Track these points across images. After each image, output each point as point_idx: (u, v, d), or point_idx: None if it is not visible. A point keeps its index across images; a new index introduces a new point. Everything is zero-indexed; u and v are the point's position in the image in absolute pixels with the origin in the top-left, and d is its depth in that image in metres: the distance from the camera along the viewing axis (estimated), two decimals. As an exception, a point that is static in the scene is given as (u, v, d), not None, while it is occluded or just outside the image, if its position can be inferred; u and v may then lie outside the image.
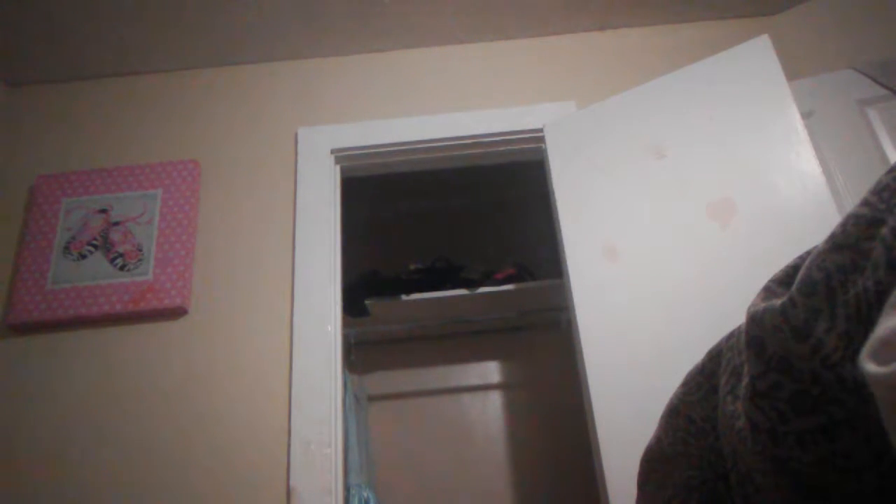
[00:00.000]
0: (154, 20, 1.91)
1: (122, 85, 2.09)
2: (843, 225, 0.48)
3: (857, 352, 0.41)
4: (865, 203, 0.47)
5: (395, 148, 1.98)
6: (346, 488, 2.00)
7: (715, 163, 1.57)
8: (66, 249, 1.80)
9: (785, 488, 0.49)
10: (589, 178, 1.72)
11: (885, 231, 0.44)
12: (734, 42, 1.66)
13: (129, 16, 1.88)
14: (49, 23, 1.87)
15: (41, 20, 1.86)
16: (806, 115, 1.56)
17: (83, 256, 1.79)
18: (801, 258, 0.55)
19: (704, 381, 0.63)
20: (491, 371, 2.71)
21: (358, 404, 2.34)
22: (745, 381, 0.51)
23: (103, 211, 1.85)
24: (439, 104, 2.03)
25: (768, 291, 0.55)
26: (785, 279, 0.54)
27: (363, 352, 2.63)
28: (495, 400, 2.65)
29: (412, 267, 2.54)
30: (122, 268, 1.77)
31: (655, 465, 0.67)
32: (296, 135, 1.99)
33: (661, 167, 1.63)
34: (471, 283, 2.47)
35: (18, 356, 1.72)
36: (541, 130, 1.89)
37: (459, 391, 2.67)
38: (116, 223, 1.83)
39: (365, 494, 2.09)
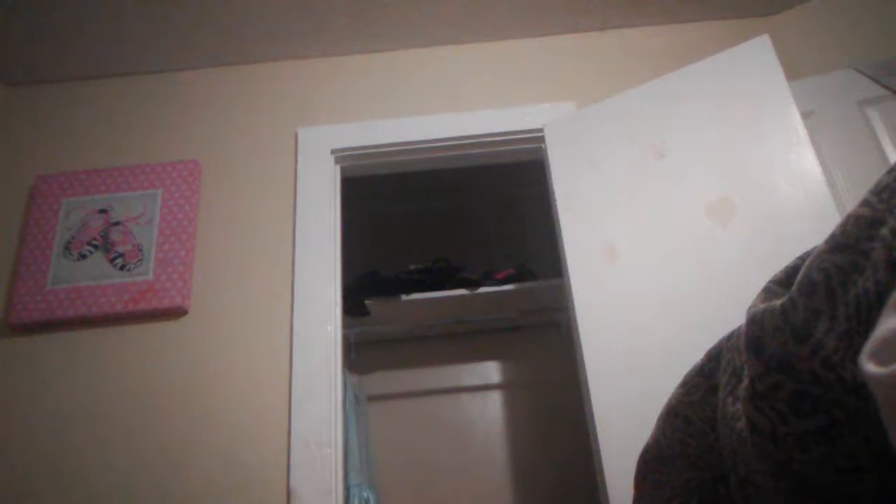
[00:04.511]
0: (154, 20, 1.90)
1: (122, 85, 2.09)
2: (843, 225, 0.48)
3: (857, 352, 0.41)
4: (865, 203, 0.47)
5: (395, 148, 1.98)
6: (346, 488, 1.99)
7: (715, 163, 1.56)
8: (66, 249, 1.80)
9: (785, 489, 0.48)
10: (589, 178, 1.72)
11: (885, 231, 0.44)
12: (734, 42, 1.66)
13: (129, 16, 1.88)
14: (49, 23, 1.87)
15: (41, 20, 1.86)
16: (806, 115, 1.56)
17: (83, 256, 1.79)
18: (801, 259, 0.55)
19: (703, 382, 0.63)
20: (491, 371, 2.71)
21: (358, 404, 2.33)
22: (745, 382, 0.51)
23: (103, 211, 1.85)
24: (439, 104, 2.02)
25: (768, 292, 0.54)
26: (785, 280, 0.54)
27: (363, 352, 2.63)
28: (495, 400, 2.65)
29: (412, 267, 2.54)
30: (122, 268, 1.77)
31: (653, 465, 0.67)
32: (296, 135, 1.99)
33: (661, 167, 1.63)
34: (470, 283, 2.47)
35: (18, 356, 1.72)
36: (541, 130, 1.89)
37: (459, 391, 2.67)
38: (116, 223, 1.83)
39: (365, 494, 2.09)
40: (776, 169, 1.48)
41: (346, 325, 1.92)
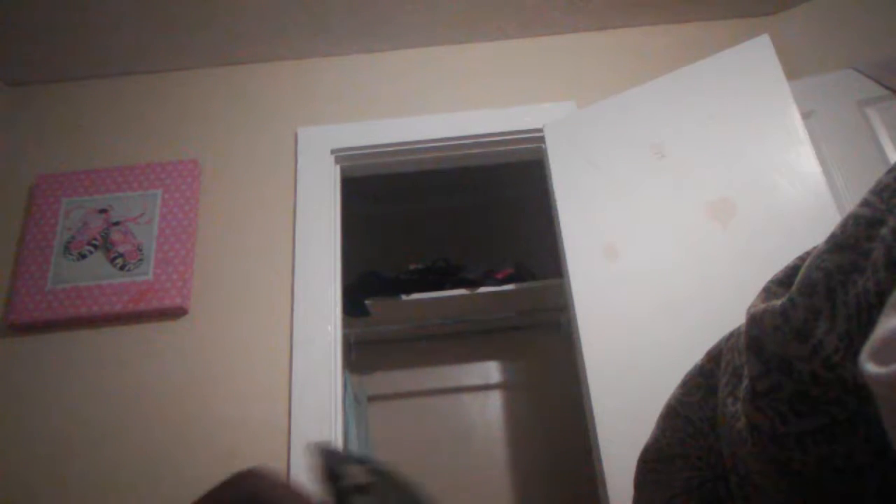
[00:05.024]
0: (155, 20, 1.90)
1: (122, 85, 2.09)
2: (843, 225, 0.48)
3: (857, 352, 0.41)
4: (865, 203, 0.47)
5: (395, 148, 1.98)
6: (346, 488, 1.99)
7: (715, 163, 1.56)
8: (66, 249, 1.80)
9: (785, 489, 0.48)
10: (589, 178, 1.72)
11: (885, 231, 0.44)
12: (734, 42, 1.66)
13: (129, 16, 1.88)
14: (49, 23, 1.87)
15: (41, 20, 1.86)
16: (806, 115, 1.56)
17: (83, 256, 1.79)
18: (801, 258, 0.54)
19: (703, 382, 0.63)
20: (491, 371, 2.71)
21: (358, 404, 2.33)
22: (745, 382, 0.51)
23: (103, 211, 1.85)
24: (439, 104, 2.02)
25: (768, 292, 0.54)
26: (785, 280, 0.54)
27: (363, 352, 2.63)
28: (495, 400, 2.65)
29: (412, 267, 2.54)
30: (122, 268, 1.77)
31: (653, 465, 0.66)
32: (296, 135, 1.99)
33: (661, 167, 1.63)
34: (470, 283, 2.47)
35: (18, 356, 1.72)
36: (541, 130, 1.89)
37: (459, 391, 2.67)
38: (116, 223, 1.83)
39: (365, 494, 2.09)
40: (776, 169, 1.48)
41: (346, 325, 1.92)
